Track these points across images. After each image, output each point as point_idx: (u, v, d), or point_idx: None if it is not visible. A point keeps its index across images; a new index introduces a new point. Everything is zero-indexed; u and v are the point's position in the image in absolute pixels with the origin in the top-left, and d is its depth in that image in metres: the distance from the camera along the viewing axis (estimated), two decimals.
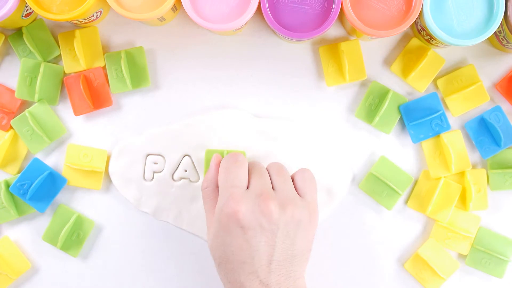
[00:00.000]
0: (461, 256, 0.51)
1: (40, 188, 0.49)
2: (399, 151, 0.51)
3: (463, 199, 0.50)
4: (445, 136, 0.49)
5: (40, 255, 0.51)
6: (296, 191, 0.43)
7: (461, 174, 0.50)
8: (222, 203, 0.42)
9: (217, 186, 0.44)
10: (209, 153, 0.49)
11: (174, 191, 0.50)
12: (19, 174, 0.49)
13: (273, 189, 0.43)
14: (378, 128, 0.50)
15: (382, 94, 0.50)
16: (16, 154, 0.51)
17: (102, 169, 0.50)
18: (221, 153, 0.49)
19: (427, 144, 0.50)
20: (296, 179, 0.44)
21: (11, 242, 0.51)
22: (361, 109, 0.50)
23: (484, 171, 0.50)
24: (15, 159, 0.51)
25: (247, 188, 0.42)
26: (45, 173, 0.49)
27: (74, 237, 0.50)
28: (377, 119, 0.50)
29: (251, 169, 0.44)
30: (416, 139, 0.50)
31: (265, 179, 0.43)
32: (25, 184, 0.49)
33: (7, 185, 0.50)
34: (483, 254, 0.50)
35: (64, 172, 0.50)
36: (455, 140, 0.50)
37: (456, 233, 0.50)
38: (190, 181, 0.50)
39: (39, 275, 0.52)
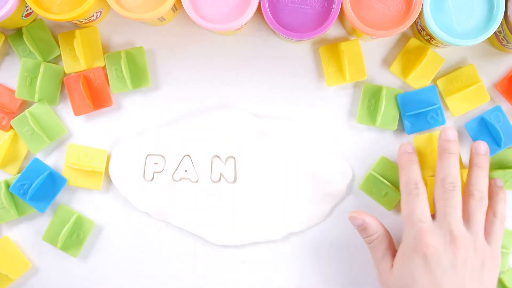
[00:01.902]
0: None
1: (40, 188, 0.49)
2: (398, 147, 0.51)
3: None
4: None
5: (40, 255, 0.51)
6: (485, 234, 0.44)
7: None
8: (409, 240, 0.42)
9: (385, 233, 0.45)
10: None
11: (174, 191, 0.50)
12: (19, 174, 0.49)
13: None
14: (382, 127, 0.50)
15: (376, 93, 0.50)
16: (16, 154, 0.51)
17: (102, 169, 0.50)
18: None
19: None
20: (488, 223, 0.44)
21: (11, 242, 0.51)
22: (361, 114, 0.50)
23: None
24: (15, 159, 0.51)
25: (435, 219, 0.43)
26: (45, 173, 0.49)
27: (74, 237, 0.50)
28: (379, 119, 0.49)
29: (445, 197, 0.43)
30: (410, 130, 0.50)
31: (458, 212, 0.43)
32: (25, 184, 0.49)
33: (7, 185, 0.50)
34: None
35: (64, 172, 0.50)
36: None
37: None
38: (191, 181, 0.50)
39: (39, 275, 0.52)
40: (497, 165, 0.50)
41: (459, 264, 0.41)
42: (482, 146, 0.46)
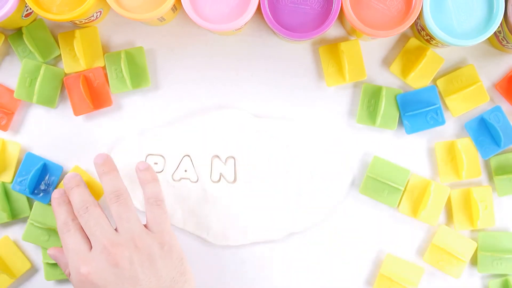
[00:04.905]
0: (474, 239, 0.51)
1: (38, 180, 0.49)
2: (398, 146, 0.51)
3: (470, 217, 0.50)
4: (459, 142, 0.49)
5: (40, 255, 0.51)
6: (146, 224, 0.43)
7: (467, 191, 0.50)
8: (72, 267, 0.41)
9: None
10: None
11: (174, 191, 0.50)
12: (17, 172, 0.50)
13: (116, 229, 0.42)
14: (382, 127, 0.50)
15: (376, 93, 0.50)
16: (6, 161, 0.50)
17: None
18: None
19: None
20: (146, 211, 0.44)
21: (11, 242, 0.51)
22: (361, 114, 0.50)
23: (489, 188, 0.50)
24: (7, 167, 0.50)
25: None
26: (39, 164, 0.49)
27: None
28: (379, 119, 0.49)
29: (87, 220, 0.42)
30: (410, 130, 0.50)
31: (103, 226, 0.42)
32: (24, 179, 0.50)
33: (3, 187, 0.50)
34: (491, 257, 0.49)
35: None
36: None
37: (451, 255, 0.49)
38: (191, 181, 0.50)
39: (39, 275, 0.52)
40: (502, 171, 0.50)
41: (125, 269, 0.40)
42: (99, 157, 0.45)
